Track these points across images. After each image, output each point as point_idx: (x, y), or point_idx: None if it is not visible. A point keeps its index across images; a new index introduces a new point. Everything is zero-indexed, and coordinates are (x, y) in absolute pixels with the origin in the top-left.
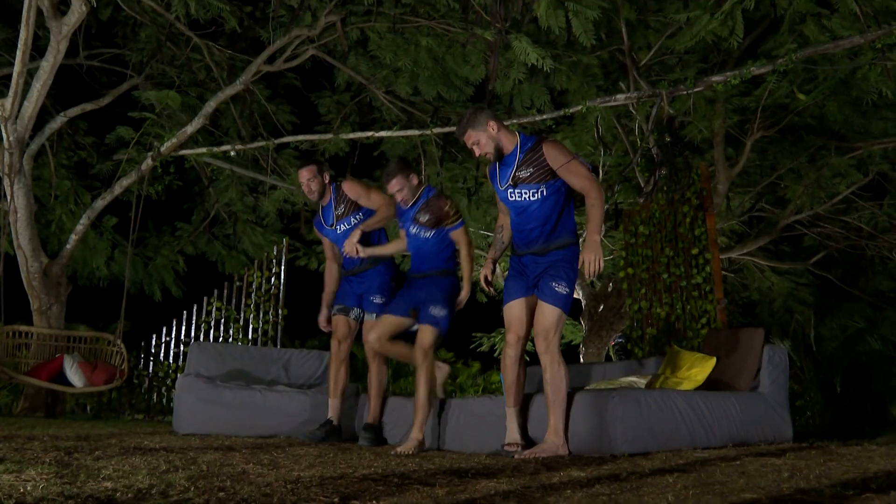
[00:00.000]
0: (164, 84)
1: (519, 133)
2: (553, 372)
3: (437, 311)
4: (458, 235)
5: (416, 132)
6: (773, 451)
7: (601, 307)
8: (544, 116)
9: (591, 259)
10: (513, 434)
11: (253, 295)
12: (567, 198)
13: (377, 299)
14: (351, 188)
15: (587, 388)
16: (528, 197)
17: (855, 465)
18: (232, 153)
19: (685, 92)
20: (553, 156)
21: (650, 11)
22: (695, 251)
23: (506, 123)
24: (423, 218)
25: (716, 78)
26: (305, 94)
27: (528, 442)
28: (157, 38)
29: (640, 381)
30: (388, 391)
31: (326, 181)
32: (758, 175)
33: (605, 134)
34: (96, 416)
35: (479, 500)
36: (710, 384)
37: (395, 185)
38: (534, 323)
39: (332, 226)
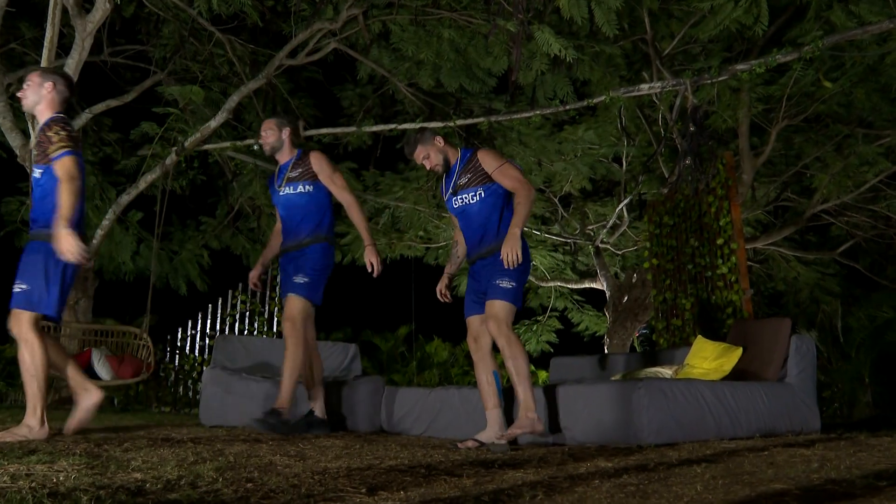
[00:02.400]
0: (187, 79)
1: (460, 147)
2: (511, 352)
3: (23, 286)
4: (58, 167)
5: (438, 124)
6: (801, 442)
7: (626, 298)
8: (567, 107)
9: (509, 250)
10: (486, 432)
11: (277, 288)
12: (506, 199)
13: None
14: (318, 160)
15: (613, 378)
16: (469, 200)
17: (886, 456)
18: (255, 147)
19: (709, 81)
20: (487, 161)
21: (673, 0)
22: (720, 241)
23: (529, 115)
24: (38, 150)
25: (740, 66)
26: (328, 88)
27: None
28: (180, 33)
29: (666, 372)
30: (411, 383)
31: (284, 137)
32: (783, 164)
33: (629, 124)
34: (124, 409)
35: (506, 490)
36: (737, 375)
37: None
38: (486, 311)
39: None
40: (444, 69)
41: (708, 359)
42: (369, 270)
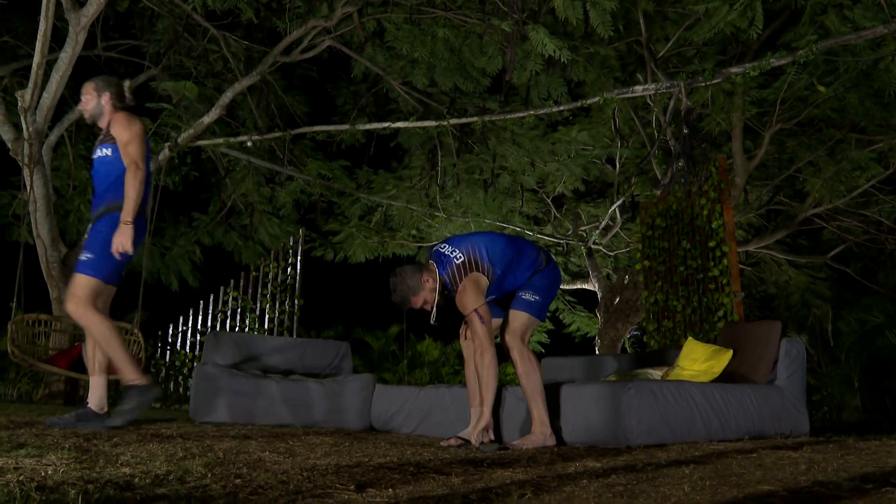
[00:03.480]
0: (181, 75)
1: (432, 263)
2: (523, 367)
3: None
4: None
5: (432, 123)
6: (789, 445)
7: (617, 299)
8: (561, 108)
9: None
10: (469, 429)
11: (269, 285)
12: (507, 263)
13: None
14: (117, 122)
15: (603, 379)
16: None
17: (873, 460)
18: (248, 144)
19: (703, 84)
20: (461, 304)
21: (668, 2)
22: (712, 244)
23: (523, 115)
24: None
25: (734, 70)
26: (322, 85)
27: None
28: (175, 29)
29: (656, 373)
30: (402, 381)
31: (104, 103)
32: (776, 168)
33: (623, 126)
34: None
35: (494, 489)
36: (727, 377)
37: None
38: (505, 322)
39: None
40: (439, 68)
41: (698, 361)
42: (115, 250)
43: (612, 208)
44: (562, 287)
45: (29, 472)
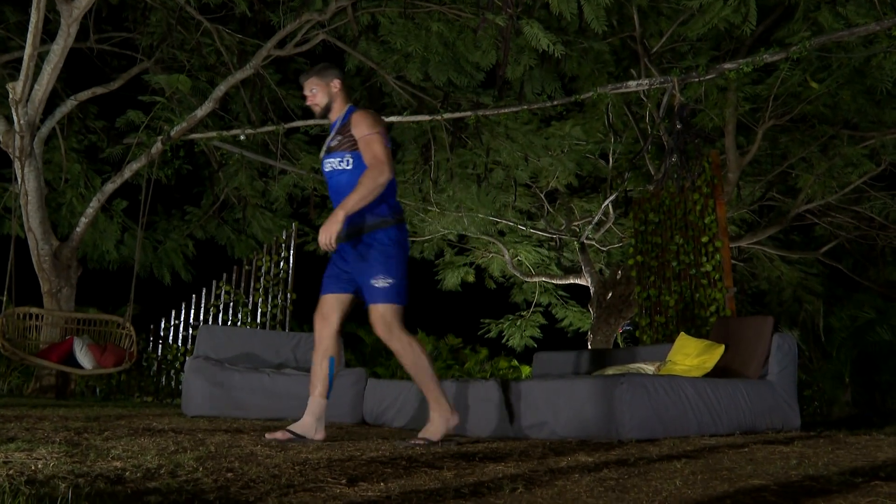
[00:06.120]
0: (174, 68)
1: (350, 105)
2: (406, 355)
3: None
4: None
5: (426, 118)
6: (780, 439)
7: (610, 294)
8: (555, 103)
9: (323, 231)
10: (302, 421)
11: (262, 279)
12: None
13: None
14: None
15: (595, 374)
16: (335, 166)
17: (863, 454)
18: (242, 137)
19: (697, 79)
20: (358, 126)
21: None
22: (704, 239)
23: (516, 109)
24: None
25: (728, 65)
26: None
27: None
28: (168, 21)
29: (649, 368)
30: (395, 376)
31: None
32: (769, 164)
33: (616, 121)
34: (105, 398)
35: (486, 482)
36: (719, 372)
37: None
38: (370, 317)
39: None
40: (433, 63)
41: (690, 356)
42: None
43: (606, 203)
44: (555, 282)
45: (19, 465)
